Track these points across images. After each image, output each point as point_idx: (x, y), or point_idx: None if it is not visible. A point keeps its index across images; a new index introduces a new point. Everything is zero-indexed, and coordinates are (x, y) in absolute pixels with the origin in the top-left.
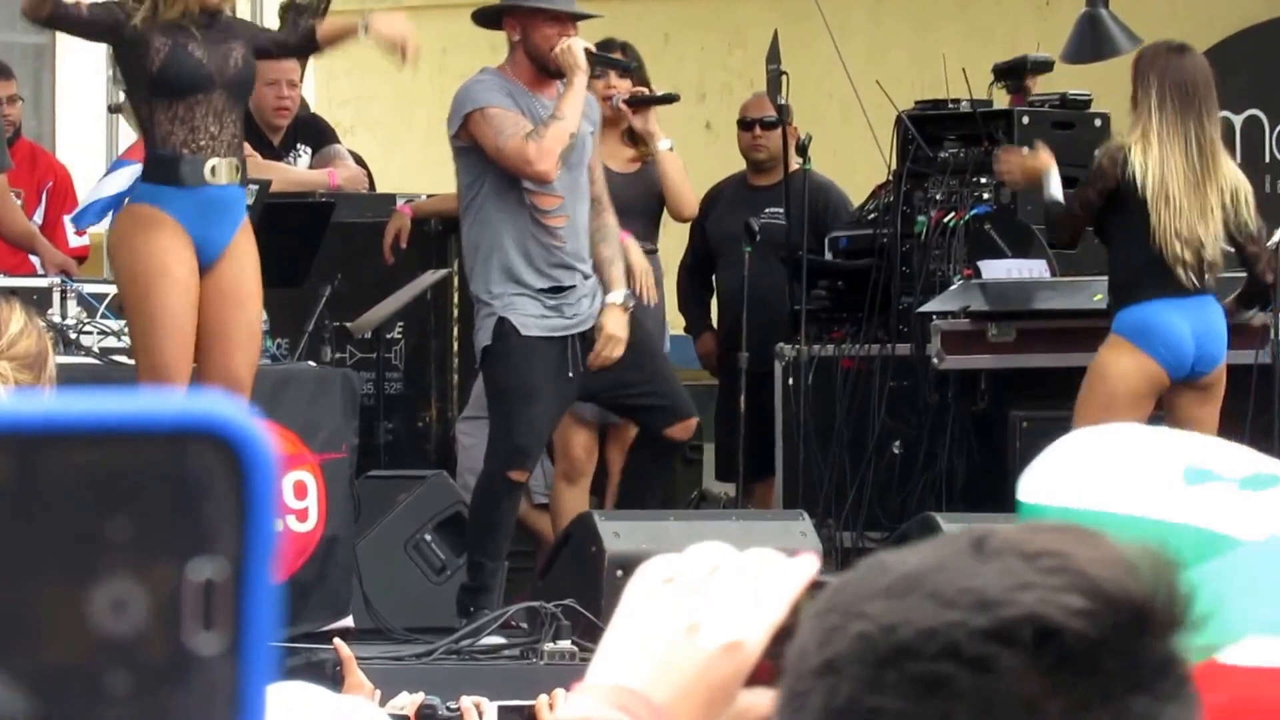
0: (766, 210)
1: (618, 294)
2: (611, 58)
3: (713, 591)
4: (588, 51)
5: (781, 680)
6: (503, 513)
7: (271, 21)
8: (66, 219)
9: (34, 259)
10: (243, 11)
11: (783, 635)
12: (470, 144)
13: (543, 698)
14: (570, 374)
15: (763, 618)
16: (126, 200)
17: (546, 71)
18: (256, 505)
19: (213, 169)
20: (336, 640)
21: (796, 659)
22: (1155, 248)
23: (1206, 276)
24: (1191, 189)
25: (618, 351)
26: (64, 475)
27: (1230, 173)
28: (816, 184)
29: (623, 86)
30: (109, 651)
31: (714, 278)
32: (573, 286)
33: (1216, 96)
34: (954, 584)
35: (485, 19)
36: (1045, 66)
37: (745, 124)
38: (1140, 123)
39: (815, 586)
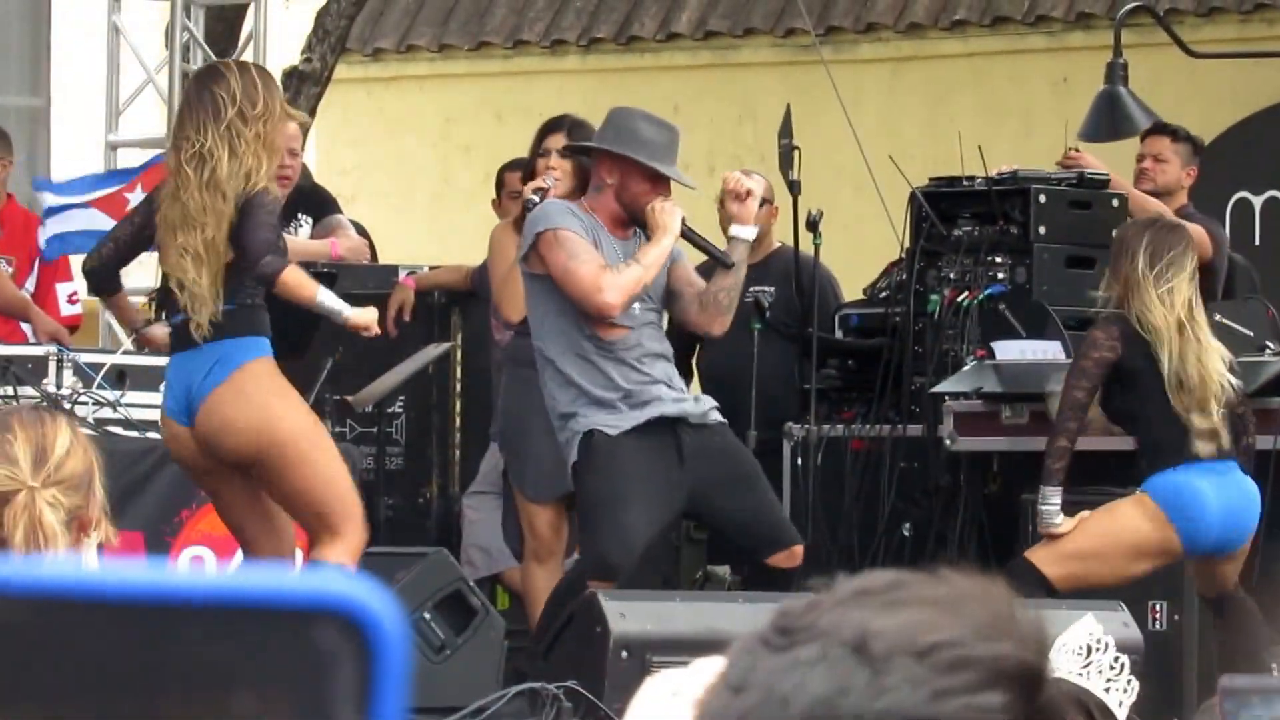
0: (752, 288)
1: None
2: (707, 242)
3: None
4: (684, 223)
5: None
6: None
7: None
8: (59, 287)
9: (25, 328)
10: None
11: None
12: (540, 272)
13: None
14: (680, 461)
15: None
16: (243, 362)
17: (632, 220)
18: (383, 687)
19: None
20: None
21: None
22: (1180, 421)
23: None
24: (1195, 358)
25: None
26: (190, 649)
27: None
28: (805, 261)
29: (563, 167)
30: None
31: (694, 361)
32: (656, 399)
33: (1195, 260)
34: (865, 709)
35: (580, 152)
36: None
37: None
38: (1132, 296)
39: None
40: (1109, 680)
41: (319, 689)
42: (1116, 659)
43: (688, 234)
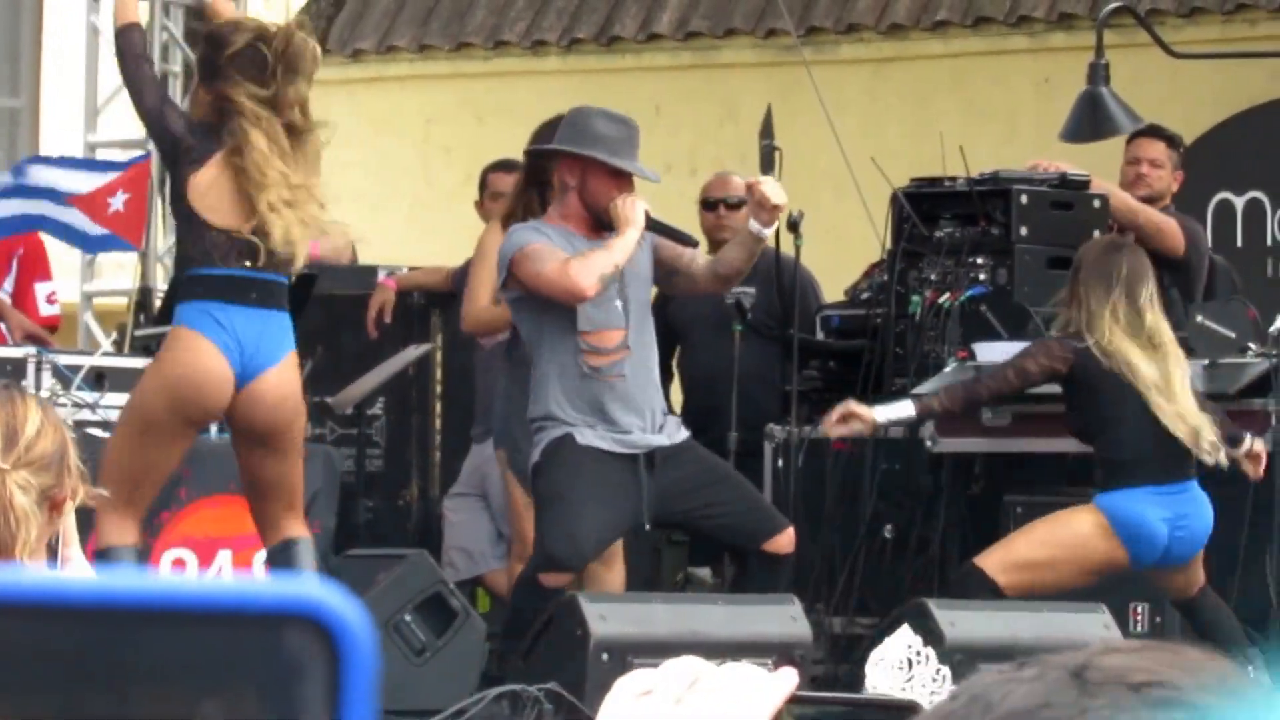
0: (733, 289)
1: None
2: (671, 227)
3: (692, 705)
4: (648, 214)
5: None
6: (529, 611)
7: None
8: (37, 286)
9: (2, 328)
10: None
11: None
12: (520, 293)
13: None
14: (638, 502)
15: None
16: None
17: (599, 221)
18: (352, 691)
19: None
20: None
21: None
22: (1150, 436)
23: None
24: (1164, 378)
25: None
26: (158, 653)
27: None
28: (786, 262)
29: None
30: None
31: (674, 362)
32: (636, 431)
33: (1152, 278)
34: None
35: (540, 156)
36: None
37: (709, 204)
38: (1094, 319)
39: (795, 700)
40: (933, 693)
41: (288, 693)
42: (938, 671)
43: (652, 224)
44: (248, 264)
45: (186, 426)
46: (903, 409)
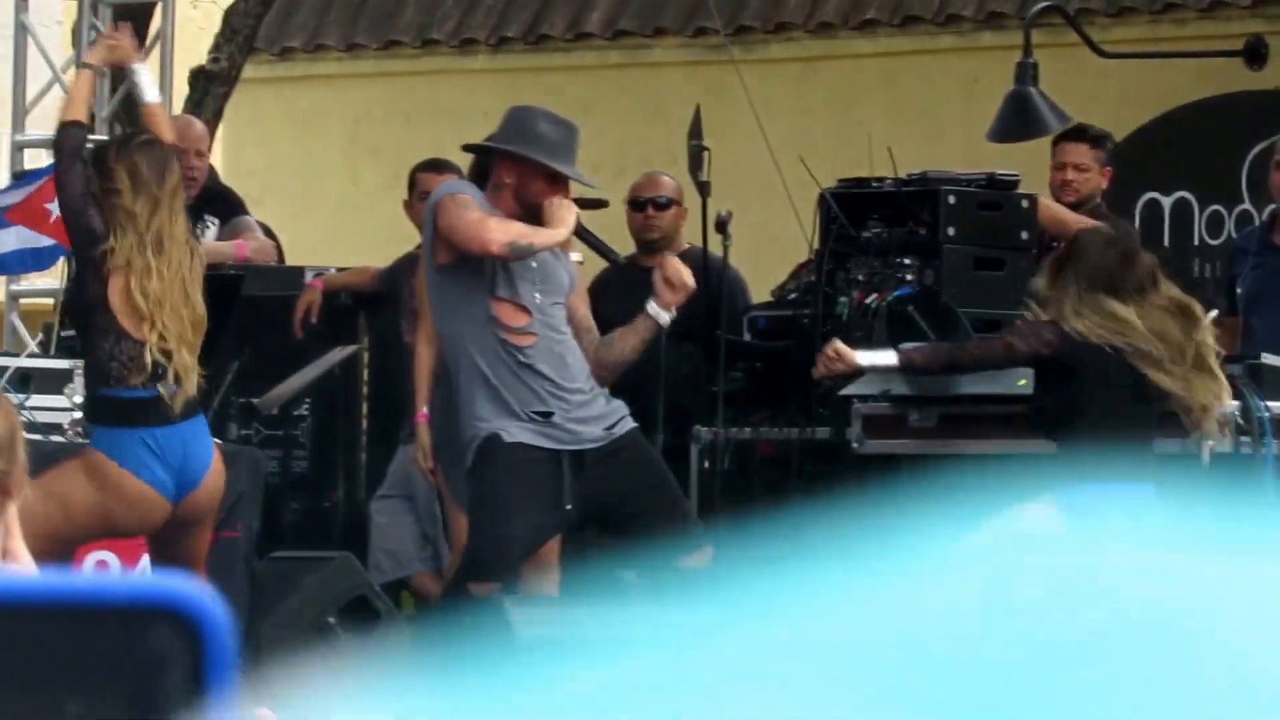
0: None
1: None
2: (599, 240)
3: None
4: (579, 222)
5: None
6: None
7: (180, 88)
8: None
9: None
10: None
11: None
12: (447, 262)
13: None
14: (561, 499)
15: None
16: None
17: (531, 220)
18: (214, 682)
19: None
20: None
21: None
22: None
23: None
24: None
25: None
26: (20, 650)
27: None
28: (713, 262)
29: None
30: None
31: None
32: (554, 412)
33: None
34: None
35: (479, 152)
36: None
37: (637, 204)
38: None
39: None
40: None
41: (151, 687)
42: None
43: (582, 233)
44: (160, 385)
45: (110, 532)
46: (885, 357)
